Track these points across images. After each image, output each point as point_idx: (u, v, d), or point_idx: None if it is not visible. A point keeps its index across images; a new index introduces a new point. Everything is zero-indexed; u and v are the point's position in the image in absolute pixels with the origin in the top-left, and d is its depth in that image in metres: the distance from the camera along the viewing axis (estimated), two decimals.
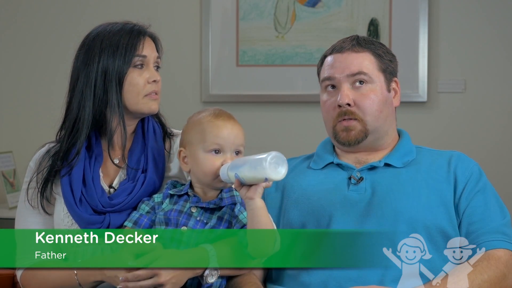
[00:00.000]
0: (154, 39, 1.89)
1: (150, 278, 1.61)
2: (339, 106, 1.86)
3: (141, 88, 1.81)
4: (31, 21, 3.65)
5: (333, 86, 1.90)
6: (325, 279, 1.73)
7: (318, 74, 1.97)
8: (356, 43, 1.91)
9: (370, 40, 1.94)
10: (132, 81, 1.80)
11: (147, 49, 1.83)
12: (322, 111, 1.94)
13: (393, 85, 1.93)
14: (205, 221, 1.71)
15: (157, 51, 1.88)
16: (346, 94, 1.86)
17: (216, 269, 1.65)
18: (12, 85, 3.68)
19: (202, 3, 3.49)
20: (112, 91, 1.79)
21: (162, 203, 1.75)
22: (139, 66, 1.82)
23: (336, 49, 1.92)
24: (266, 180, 1.58)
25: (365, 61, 1.88)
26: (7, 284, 2.02)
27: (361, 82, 1.87)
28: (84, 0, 3.63)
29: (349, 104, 1.85)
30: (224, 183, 1.70)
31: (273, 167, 1.57)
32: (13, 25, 3.66)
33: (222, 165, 1.69)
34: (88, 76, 1.80)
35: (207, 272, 1.64)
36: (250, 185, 1.61)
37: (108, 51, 1.79)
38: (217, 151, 1.70)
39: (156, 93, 1.84)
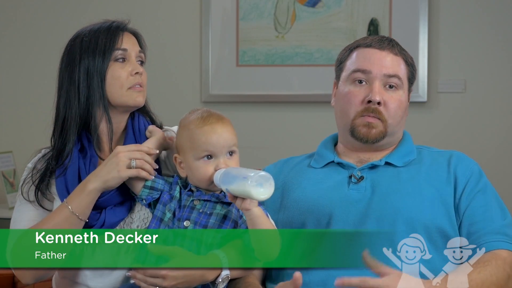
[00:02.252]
0: (136, 35, 1.89)
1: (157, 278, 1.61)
2: (369, 101, 1.84)
3: (124, 80, 1.80)
4: (31, 21, 3.65)
5: (363, 80, 1.87)
6: (324, 279, 1.73)
7: (341, 63, 1.94)
8: (394, 45, 1.90)
9: (402, 47, 1.93)
10: (114, 74, 1.80)
11: (127, 43, 1.83)
12: (342, 102, 1.90)
13: (409, 94, 1.94)
14: (208, 212, 1.69)
15: (140, 46, 1.88)
16: (379, 92, 1.85)
17: (227, 276, 1.65)
18: (12, 85, 3.68)
19: (202, 3, 3.49)
20: (95, 86, 1.79)
21: (171, 188, 1.75)
22: (121, 60, 1.81)
23: (374, 44, 1.89)
24: (251, 198, 1.56)
25: (401, 66, 1.89)
26: (7, 284, 2.02)
27: (392, 85, 1.86)
28: (83, 1, 3.63)
29: (379, 103, 1.85)
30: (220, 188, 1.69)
31: (257, 187, 1.54)
32: (13, 25, 3.66)
33: (215, 170, 1.66)
34: (71, 76, 1.81)
35: (219, 279, 1.64)
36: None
37: (88, 49, 1.80)
38: (209, 157, 1.68)
39: (140, 86, 1.83)
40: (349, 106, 1.87)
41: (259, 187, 1.54)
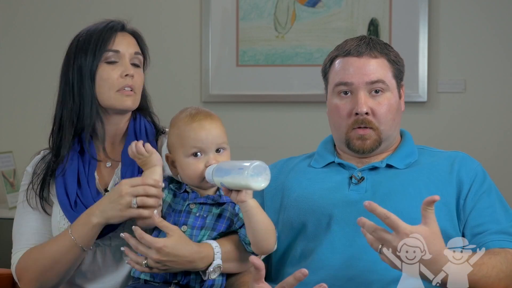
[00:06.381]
0: (135, 35, 1.87)
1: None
2: (356, 114, 1.82)
3: (113, 82, 1.79)
4: (31, 21, 3.65)
5: (347, 91, 1.85)
6: (324, 279, 1.73)
7: (325, 74, 1.92)
8: (373, 47, 1.86)
9: (384, 44, 1.89)
10: (103, 75, 1.79)
11: (121, 45, 1.81)
12: (332, 116, 1.89)
13: (400, 89, 1.92)
14: (204, 215, 1.69)
15: (140, 47, 1.86)
16: (365, 102, 1.82)
17: (219, 265, 1.65)
18: (12, 85, 3.68)
19: (202, 3, 3.49)
20: (86, 86, 1.78)
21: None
22: (112, 62, 1.80)
23: (352, 52, 1.85)
24: (250, 189, 1.56)
25: (383, 69, 1.85)
26: (7, 284, 2.02)
27: (378, 90, 1.84)
28: (85, 1, 3.63)
29: (367, 113, 1.82)
30: (212, 184, 1.68)
31: (254, 177, 1.53)
32: (13, 25, 3.66)
33: (206, 166, 1.65)
34: (67, 75, 1.81)
35: (211, 268, 1.64)
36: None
37: (82, 49, 1.80)
38: (198, 154, 1.67)
39: (131, 89, 1.80)
40: (339, 120, 1.87)
41: (256, 176, 1.54)
